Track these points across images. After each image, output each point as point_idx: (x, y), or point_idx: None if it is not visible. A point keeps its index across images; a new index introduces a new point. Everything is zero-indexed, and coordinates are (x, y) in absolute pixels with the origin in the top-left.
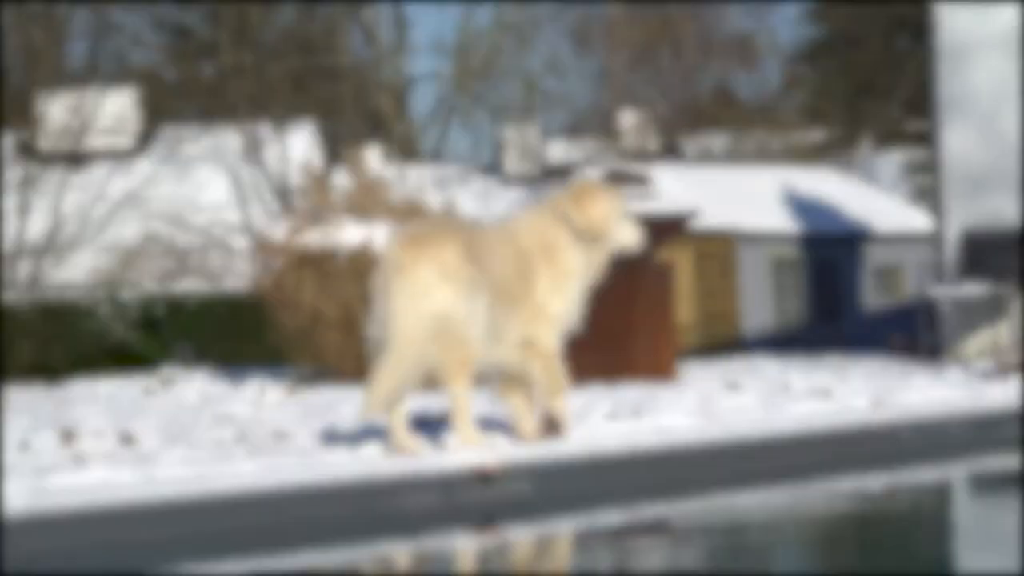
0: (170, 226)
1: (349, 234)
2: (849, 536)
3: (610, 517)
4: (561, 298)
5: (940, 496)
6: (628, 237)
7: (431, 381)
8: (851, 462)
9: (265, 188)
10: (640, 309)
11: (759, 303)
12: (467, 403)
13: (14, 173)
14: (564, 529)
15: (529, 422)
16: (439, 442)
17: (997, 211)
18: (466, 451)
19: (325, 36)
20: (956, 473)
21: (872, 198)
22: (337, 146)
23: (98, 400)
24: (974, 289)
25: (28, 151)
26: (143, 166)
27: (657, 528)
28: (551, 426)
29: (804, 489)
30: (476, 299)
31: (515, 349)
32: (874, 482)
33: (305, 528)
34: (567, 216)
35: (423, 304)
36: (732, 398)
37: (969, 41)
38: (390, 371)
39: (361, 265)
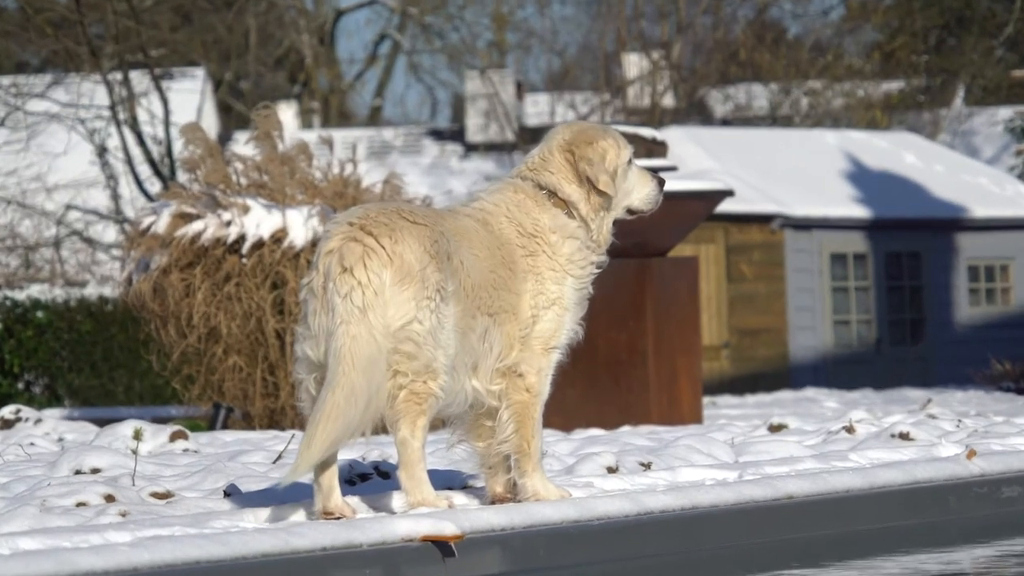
0: (10, 210)
1: (257, 222)
2: None
3: None
4: (558, 308)
5: None
6: (642, 192)
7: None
8: (937, 530)
9: (141, 160)
10: (652, 324)
11: (812, 314)
12: (421, 452)
13: None
14: None
15: (502, 476)
16: (381, 503)
17: None
18: (418, 515)
19: None
20: None
21: (967, 171)
22: (239, 103)
23: None
24: None
25: None
26: None
27: None
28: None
29: (873, 570)
30: (444, 311)
31: (494, 380)
32: (966, 558)
33: None
34: (557, 180)
35: (376, 317)
36: (775, 444)
37: None
38: (336, 412)
39: (274, 264)
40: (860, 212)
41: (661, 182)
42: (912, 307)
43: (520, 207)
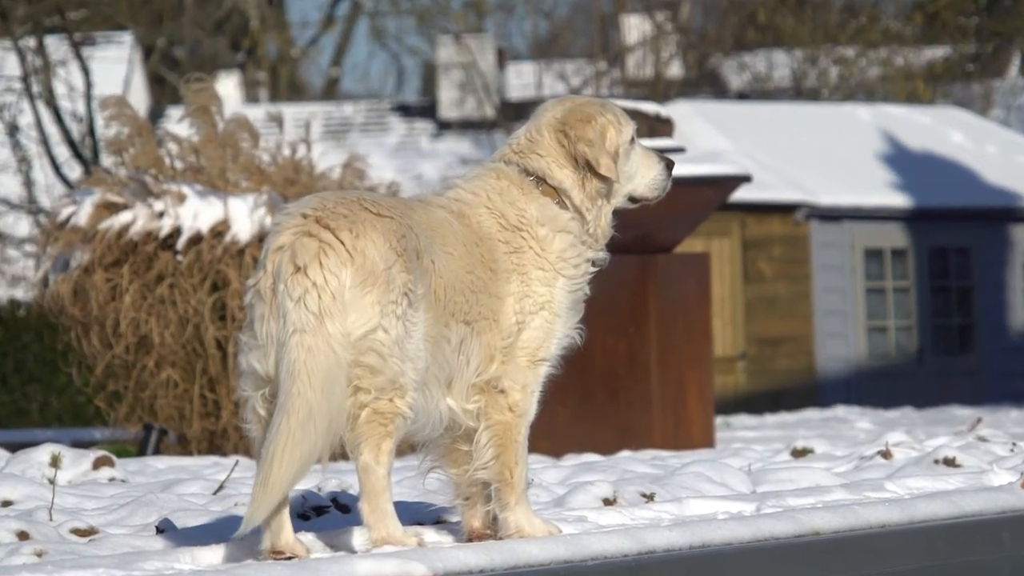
0: None
1: (194, 212)
2: None
3: None
4: (547, 313)
5: None
6: (647, 176)
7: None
8: (987, 571)
9: (58, 140)
10: (656, 331)
11: (842, 320)
12: (387, 480)
13: None
14: None
15: (481, 509)
16: (340, 541)
17: None
18: (382, 554)
19: None
20: None
21: None
22: (173, 73)
23: None
24: None
25: None
26: None
27: None
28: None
29: None
30: (413, 318)
31: (471, 396)
32: None
33: None
34: (547, 164)
35: (334, 325)
36: (799, 472)
37: None
38: (293, 442)
39: (214, 262)
40: (899, 200)
41: (669, 164)
42: (960, 311)
43: (503, 196)
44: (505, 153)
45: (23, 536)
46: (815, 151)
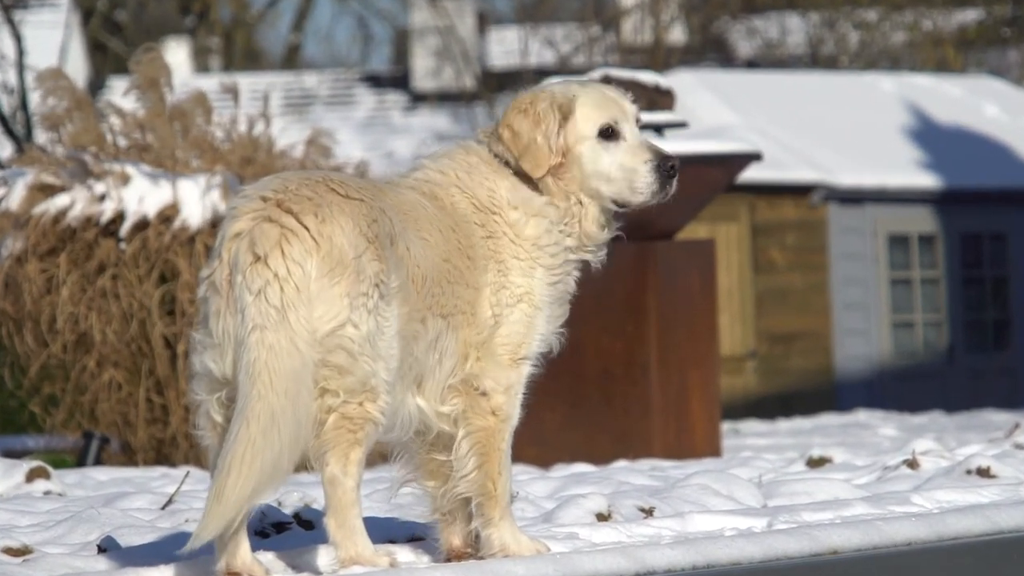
0: None
1: (139, 195)
2: None
3: None
4: (526, 306)
5: None
6: (630, 176)
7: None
8: None
9: None
10: (655, 327)
11: (864, 314)
12: (356, 493)
13: None
14: None
15: (461, 525)
16: (303, 561)
17: None
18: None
19: None
20: None
21: None
22: (115, 40)
23: None
24: None
25: None
26: None
27: None
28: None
29: None
30: (386, 312)
31: (448, 399)
32: None
33: None
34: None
35: (299, 320)
36: (815, 484)
37: None
38: (253, 452)
39: (162, 250)
40: (927, 181)
41: (663, 165)
42: (995, 304)
43: (472, 173)
44: (477, 134)
45: None
46: (833, 126)
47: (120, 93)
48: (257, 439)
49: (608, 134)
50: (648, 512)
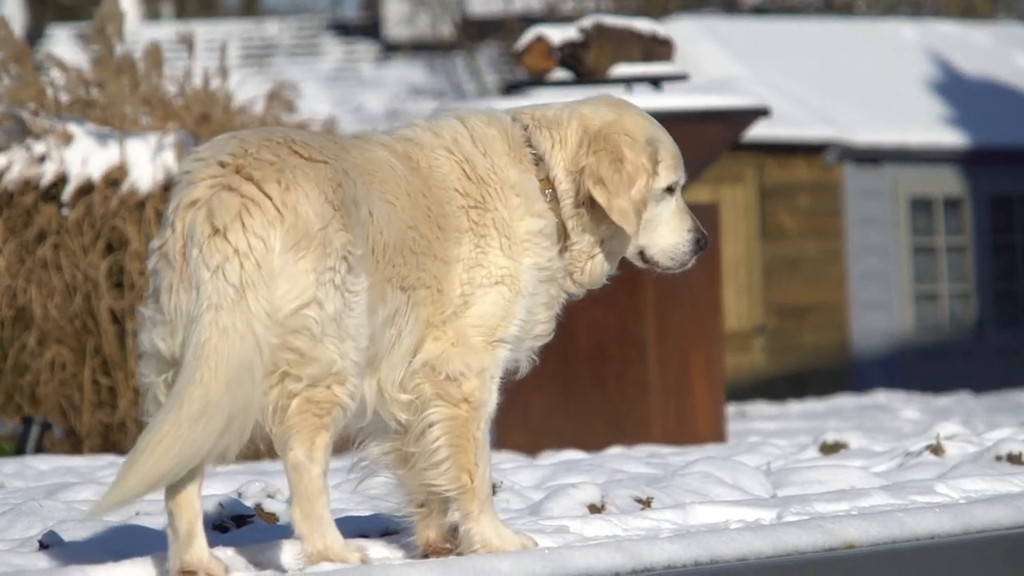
0: None
1: (83, 156)
2: None
3: None
4: (506, 289)
5: None
6: (669, 238)
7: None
8: None
9: None
10: (653, 302)
11: (884, 285)
12: (323, 482)
13: None
14: None
15: (438, 518)
16: (266, 557)
17: None
18: (319, 573)
19: None
20: None
21: None
22: None
23: None
24: None
25: None
26: None
27: None
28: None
29: None
30: (354, 286)
31: (409, 384)
32: None
33: None
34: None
35: (258, 300)
36: (829, 472)
37: None
38: (175, 435)
39: (108, 216)
40: (952, 138)
41: (701, 239)
42: None
43: (480, 141)
44: (516, 111)
45: None
46: (849, 78)
47: (61, 43)
48: (184, 425)
49: (670, 191)
50: (645, 503)
